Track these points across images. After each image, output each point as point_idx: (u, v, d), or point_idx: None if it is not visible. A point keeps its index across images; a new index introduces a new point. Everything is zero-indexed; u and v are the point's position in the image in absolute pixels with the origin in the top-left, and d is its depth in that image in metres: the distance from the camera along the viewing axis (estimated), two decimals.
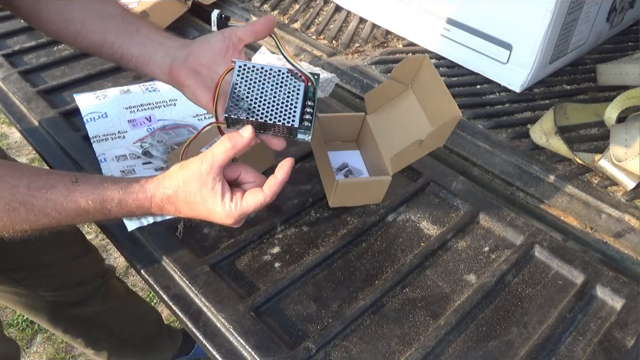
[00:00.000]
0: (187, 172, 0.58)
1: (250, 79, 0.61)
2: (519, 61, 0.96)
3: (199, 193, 0.58)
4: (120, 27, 0.65)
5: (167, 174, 0.60)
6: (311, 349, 0.59)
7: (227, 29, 0.64)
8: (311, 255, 0.71)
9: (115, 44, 0.65)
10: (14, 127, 1.04)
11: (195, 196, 0.58)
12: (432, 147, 0.72)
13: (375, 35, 1.18)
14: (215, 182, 0.58)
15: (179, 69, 0.64)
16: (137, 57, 0.66)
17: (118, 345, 1.24)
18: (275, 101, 0.60)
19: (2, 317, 1.68)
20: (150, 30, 0.66)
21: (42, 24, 0.68)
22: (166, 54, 0.65)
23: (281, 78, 0.62)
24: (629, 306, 0.65)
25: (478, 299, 0.66)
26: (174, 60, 0.64)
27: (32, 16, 0.68)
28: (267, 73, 0.62)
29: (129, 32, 0.65)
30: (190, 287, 0.66)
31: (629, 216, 0.75)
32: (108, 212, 0.58)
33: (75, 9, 0.66)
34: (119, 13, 0.66)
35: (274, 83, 0.61)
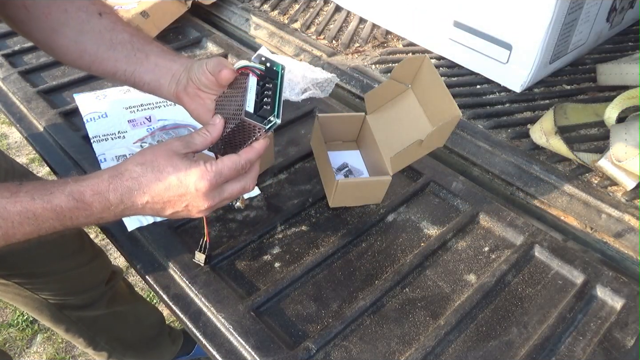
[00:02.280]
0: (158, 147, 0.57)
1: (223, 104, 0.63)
2: (519, 61, 0.96)
3: (170, 163, 0.56)
4: (130, 56, 0.68)
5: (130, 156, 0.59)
6: (311, 349, 0.59)
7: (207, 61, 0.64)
8: (311, 255, 0.71)
9: (127, 72, 0.68)
10: (14, 127, 1.04)
11: (166, 167, 0.56)
12: (432, 147, 0.72)
13: (375, 35, 1.18)
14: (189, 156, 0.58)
15: (183, 94, 0.67)
16: (149, 83, 0.68)
17: (118, 347, 1.24)
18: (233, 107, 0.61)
19: (2, 317, 1.68)
20: (158, 55, 0.68)
21: (57, 53, 0.70)
22: (172, 79, 0.67)
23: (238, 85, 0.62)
24: (629, 306, 0.65)
25: (478, 299, 0.66)
26: (178, 85, 0.67)
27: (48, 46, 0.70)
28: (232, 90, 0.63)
29: (138, 60, 0.68)
30: (190, 287, 0.66)
31: (629, 216, 0.75)
32: (60, 210, 0.54)
33: (88, 39, 0.68)
34: (128, 40, 0.68)
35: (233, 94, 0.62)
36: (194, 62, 0.67)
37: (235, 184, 0.59)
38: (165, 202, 0.57)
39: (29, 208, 0.53)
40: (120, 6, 1.12)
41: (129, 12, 1.10)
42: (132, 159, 0.57)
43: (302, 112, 0.95)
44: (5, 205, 0.52)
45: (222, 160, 0.57)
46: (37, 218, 0.53)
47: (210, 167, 0.56)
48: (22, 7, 0.67)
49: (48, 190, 0.54)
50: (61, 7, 0.67)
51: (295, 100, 0.93)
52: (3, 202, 0.52)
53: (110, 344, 1.22)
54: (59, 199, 0.54)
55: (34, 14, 0.67)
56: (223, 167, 0.57)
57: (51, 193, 0.54)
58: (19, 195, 0.53)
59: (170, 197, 0.57)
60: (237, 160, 0.58)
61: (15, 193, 0.53)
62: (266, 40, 1.17)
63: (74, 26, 0.68)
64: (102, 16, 0.68)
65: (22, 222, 0.53)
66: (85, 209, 0.55)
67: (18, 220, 0.53)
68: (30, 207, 0.53)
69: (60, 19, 0.67)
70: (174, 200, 0.57)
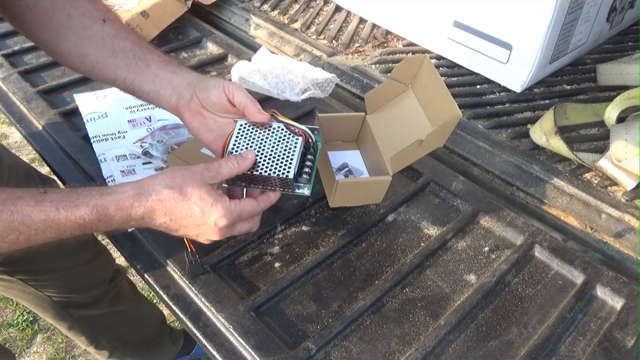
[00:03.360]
0: (188, 171, 0.58)
1: (250, 136, 0.65)
2: (519, 61, 0.96)
3: (198, 193, 0.57)
4: (131, 64, 0.68)
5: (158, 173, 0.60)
6: (311, 349, 0.59)
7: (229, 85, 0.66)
8: (311, 255, 0.71)
9: (127, 80, 0.69)
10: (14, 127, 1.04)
11: (193, 196, 0.57)
12: (432, 147, 0.72)
13: (375, 35, 1.18)
14: (215, 187, 0.59)
15: (184, 109, 0.68)
16: (148, 92, 0.69)
17: (119, 346, 1.25)
18: (272, 155, 0.64)
19: (2, 317, 1.68)
20: (159, 66, 0.69)
21: (59, 56, 0.71)
22: (173, 91, 0.68)
23: (280, 134, 0.65)
24: (629, 306, 0.65)
25: (478, 299, 0.66)
26: (179, 100, 0.68)
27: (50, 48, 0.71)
28: (267, 130, 0.65)
29: (139, 69, 0.68)
30: (190, 287, 0.66)
31: (629, 216, 0.75)
32: (82, 222, 0.55)
33: (90, 45, 0.68)
34: (129, 49, 0.69)
35: (272, 139, 0.65)
36: (202, 79, 0.68)
37: (245, 224, 0.63)
38: (182, 225, 0.59)
39: (53, 218, 0.54)
40: (120, 6, 1.12)
41: (129, 12, 1.10)
42: (162, 180, 0.58)
43: (302, 112, 0.95)
44: (30, 214, 0.53)
45: (245, 203, 0.60)
46: (60, 227, 0.55)
47: (234, 207, 0.59)
48: (27, 9, 0.67)
49: (73, 202, 0.55)
50: (65, 11, 0.68)
51: (295, 100, 0.93)
52: (28, 210, 0.53)
53: (112, 343, 1.22)
54: (82, 212, 0.55)
55: (37, 16, 0.67)
56: (243, 210, 0.60)
57: (75, 205, 0.55)
58: (44, 205, 0.54)
59: (188, 223, 0.59)
60: (256, 207, 0.62)
61: (40, 202, 0.54)
62: (266, 40, 1.17)
63: (76, 31, 0.68)
64: (105, 22, 0.69)
65: (45, 230, 0.54)
66: (107, 222, 0.57)
67: (41, 228, 0.54)
68: (55, 217, 0.54)
69: (63, 23, 0.68)
70: (191, 226, 0.59)
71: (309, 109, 0.96)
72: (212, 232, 0.60)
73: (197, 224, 0.59)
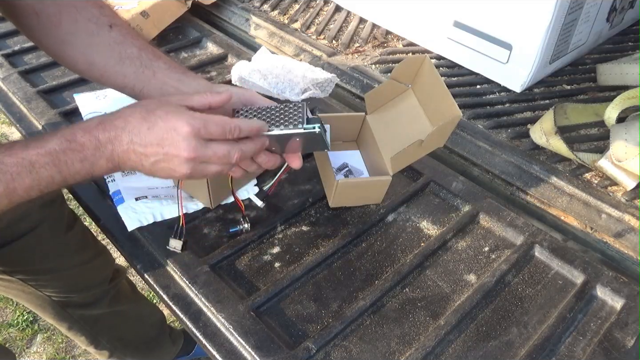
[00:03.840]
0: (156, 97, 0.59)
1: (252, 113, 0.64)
2: (519, 61, 0.96)
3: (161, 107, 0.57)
4: (138, 72, 0.68)
5: None
6: (311, 349, 0.59)
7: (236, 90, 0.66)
8: (311, 255, 0.71)
9: (136, 88, 0.69)
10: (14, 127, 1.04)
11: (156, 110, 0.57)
12: (432, 147, 0.72)
13: (375, 35, 1.18)
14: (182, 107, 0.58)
15: None
16: None
17: (119, 346, 1.25)
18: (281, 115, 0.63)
19: (2, 317, 1.68)
20: (165, 74, 0.69)
21: (67, 63, 0.71)
22: None
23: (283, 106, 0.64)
24: (629, 306, 0.65)
25: (478, 299, 0.66)
26: None
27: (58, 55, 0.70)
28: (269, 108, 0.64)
29: (146, 78, 0.68)
30: (190, 287, 0.66)
31: (629, 216, 0.75)
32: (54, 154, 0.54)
33: (97, 52, 0.68)
34: (136, 55, 0.68)
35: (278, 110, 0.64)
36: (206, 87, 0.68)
37: (221, 146, 0.58)
38: (146, 144, 0.56)
39: (25, 157, 0.53)
40: (120, 6, 1.12)
41: (129, 12, 1.10)
42: (128, 106, 0.58)
43: None
44: (2, 159, 0.52)
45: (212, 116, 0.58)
46: (34, 166, 0.53)
47: (198, 114, 0.57)
48: (33, 14, 0.67)
49: (41, 138, 0.55)
50: (71, 17, 0.67)
51: (295, 100, 0.93)
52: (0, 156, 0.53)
53: (112, 343, 1.22)
54: (52, 143, 0.54)
55: (44, 22, 0.67)
56: (210, 119, 0.57)
57: (44, 139, 0.55)
58: (14, 148, 0.54)
59: (152, 140, 0.56)
60: (226, 120, 0.58)
61: (10, 147, 0.54)
62: (266, 40, 1.17)
63: (83, 37, 0.68)
64: (112, 28, 0.69)
65: (20, 172, 0.53)
66: (79, 150, 0.55)
67: (16, 172, 0.53)
68: (26, 156, 0.53)
69: (70, 29, 0.67)
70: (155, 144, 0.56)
71: (309, 109, 0.95)
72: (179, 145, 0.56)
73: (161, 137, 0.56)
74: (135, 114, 0.57)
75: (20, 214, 0.86)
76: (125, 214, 0.73)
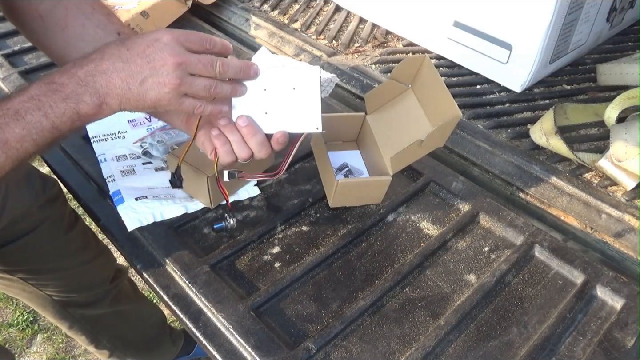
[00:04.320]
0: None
1: None
2: (519, 61, 0.96)
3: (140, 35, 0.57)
4: None
5: None
6: (311, 349, 0.59)
7: None
8: (311, 255, 0.71)
9: None
10: None
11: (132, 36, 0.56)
12: (432, 147, 0.72)
13: (375, 35, 1.18)
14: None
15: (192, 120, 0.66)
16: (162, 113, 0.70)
17: (120, 346, 1.25)
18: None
19: (2, 317, 1.68)
20: None
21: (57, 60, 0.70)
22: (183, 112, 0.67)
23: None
24: (629, 306, 0.65)
25: (478, 299, 0.66)
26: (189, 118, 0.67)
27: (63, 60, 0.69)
28: None
29: None
30: (190, 287, 0.66)
31: (629, 216, 0.75)
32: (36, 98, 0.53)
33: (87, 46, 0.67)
34: None
35: None
36: None
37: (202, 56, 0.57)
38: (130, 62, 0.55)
39: (9, 107, 0.53)
40: (120, 6, 1.12)
41: (129, 12, 1.10)
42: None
43: None
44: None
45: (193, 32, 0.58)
46: (19, 112, 0.53)
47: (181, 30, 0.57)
48: (38, 17, 0.66)
49: (23, 87, 0.55)
50: (79, 22, 0.67)
51: None
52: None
53: (112, 342, 1.22)
54: (32, 89, 0.54)
55: (49, 25, 0.67)
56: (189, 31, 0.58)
57: (25, 88, 0.54)
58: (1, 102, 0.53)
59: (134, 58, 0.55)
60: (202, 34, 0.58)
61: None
62: (266, 40, 1.17)
63: (89, 42, 0.67)
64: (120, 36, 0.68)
65: (7, 122, 0.52)
66: (59, 90, 0.54)
67: (4, 122, 0.52)
68: (10, 105, 0.53)
69: (76, 34, 0.67)
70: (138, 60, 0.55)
71: None
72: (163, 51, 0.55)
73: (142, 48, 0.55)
74: (111, 44, 0.56)
75: (21, 214, 0.86)
76: (125, 214, 0.73)
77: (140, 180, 0.79)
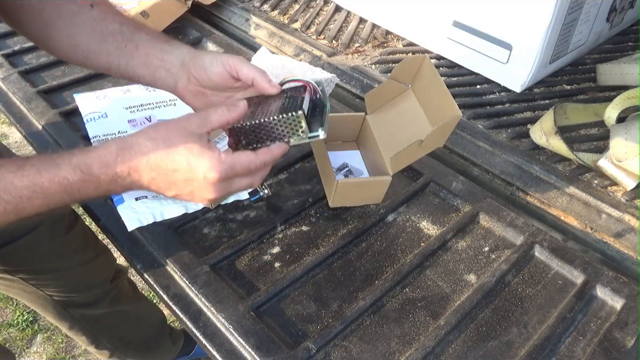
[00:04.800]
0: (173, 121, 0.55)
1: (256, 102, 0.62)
2: (519, 61, 0.96)
3: (184, 143, 0.53)
4: (121, 47, 0.66)
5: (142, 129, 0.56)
6: (311, 349, 0.59)
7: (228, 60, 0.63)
8: (311, 255, 0.71)
9: (121, 66, 0.67)
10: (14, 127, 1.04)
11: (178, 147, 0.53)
12: (432, 147, 0.72)
13: (375, 35, 1.18)
14: (204, 136, 0.55)
15: (184, 91, 0.65)
16: (144, 77, 0.67)
17: (120, 346, 1.25)
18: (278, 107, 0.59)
19: (2, 317, 1.68)
20: (147, 45, 0.66)
21: (52, 49, 0.70)
22: (168, 74, 0.66)
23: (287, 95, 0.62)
24: (629, 306, 0.65)
25: (478, 299, 0.66)
26: (177, 81, 0.65)
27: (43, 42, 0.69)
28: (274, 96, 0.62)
29: (129, 52, 0.66)
30: (190, 287, 0.66)
31: (629, 216, 0.75)
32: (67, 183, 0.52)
33: (80, 32, 0.67)
34: (118, 31, 0.66)
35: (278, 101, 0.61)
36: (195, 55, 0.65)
37: (243, 180, 0.57)
38: (171, 182, 0.55)
39: (36, 182, 0.51)
40: (120, 6, 1.12)
41: (129, 12, 1.10)
42: (144, 132, 0.55)
43: None
44: (12, 180, 0.51)
45: (239, 155, 0.55)
46: (45, 191, 0.52)
47: (224, 158, 0.54)
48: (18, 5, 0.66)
49: (54, 163, 0.52)
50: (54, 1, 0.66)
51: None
52: (10, 177, 0.51)
53: (112, 342, 1.22)
54: (65, 172, 0.52)
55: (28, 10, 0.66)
56: (237, 162, 0.54)
57: (57, 165, 0.52)
58: (25, 169, 0.52)
59: (176, 179, 0.54)
60: (253, 159, 0.56)
61: (21, 167, 0.52)
62: (266, 40, 1.17)
63: (66, 19, 0.66)
64: (93, 7, 0.67)
65: (30, 196, 0.51)
66: (93, 182, 0.53)
67: (27, 195, 0.51)
68: (37, 181, 0.51)
69: (52, 13, 0.66)
70: (180, 183, 0.55)
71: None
72: (205, 190, 0.54)
73: (186, 178, 0.54)
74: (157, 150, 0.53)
75: None
76: (125, 214, 0.73)
77: None
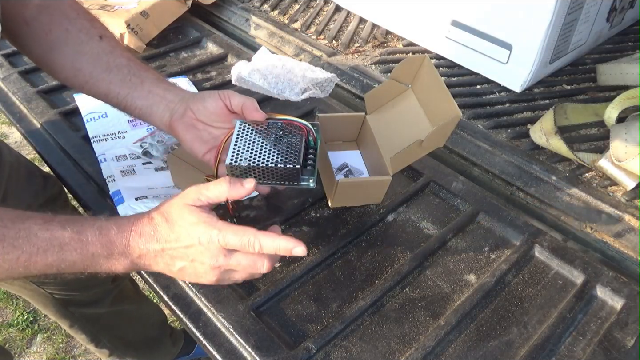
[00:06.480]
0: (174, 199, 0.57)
1: (251, 134, 0.65)
2: (519, 61, 0.96)
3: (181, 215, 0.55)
4: (125, 80, 0.69)
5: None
6: (311, 349, 0.59)
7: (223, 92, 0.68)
8: (311, 255, 0.71)
9: (120, 95, 0.69)
10: (14, 127, 1.04)
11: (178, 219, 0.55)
12: (432, 147, 0.72)
13: (375, 35, 1.18)
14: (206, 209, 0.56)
15: (177, 123, 0.67)
16: (140, 108, 0.69)
17: (120, 346, 1.25)
18: (276, 149, 0.64)
19: (2, 317, 1.68)
20: (153, 83, 0.69)
21: (52, 71, 0.72)
22: (166, 107, 0.68)
23: (281, 130, 0.66)
24: (629, 306, 0.65)
25: (478, 299, 0.66)
26: (173, 114, 0.68)
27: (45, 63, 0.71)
28: (267, 127, 0.66)
29: (133, 85, 0.69)
30: (190, 287, 0.66)
31: (629, 216, 0.75)
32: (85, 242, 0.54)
33: (85, 60, 0.69)
34: (125, 65, 0.69)
35: (274, 135, 0.65)
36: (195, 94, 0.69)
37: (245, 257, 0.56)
38: (174, 256, 0.56)
39: (58, 236, 0.53)
40: (120, 6, 1.12)
41: (129, 12, 1.10)
42: (153, 209, 0.58)
43: (302, 112, 0.95)
44: (36, 232, 0.53)
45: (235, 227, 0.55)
46: (62, 247, 0.54)
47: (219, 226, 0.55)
48: (23, 23, 0.67)
49: (79, 223, 0.55)
50: (62, 27, 0.68)
51: (295, 100, 0.93)
52: (35, 228, 0.53)
53: (112, 342, 1.23)
54: (88, 231, 0.54)
55: (34, 30, 0.68)
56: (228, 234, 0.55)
57: (82, 225, 0.55)
58: (52, 224, 0.54)
59: (178, 248, 0.55)
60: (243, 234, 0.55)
61: (48, 222, 0.54)
62: (266, 40, 1.17)
63: (72, 46, 0.69)
64: (102, 39, 0.70)
65: (47, 249, 0.53)
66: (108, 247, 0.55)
67: (44, 247, 0.53)
68: (59, 235, 0.53)
69: (60, 38, 0.68)
70: (182, 252, 0.56)
71: (309, 109, 0.96)
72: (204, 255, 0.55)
73: (186, 245, 0.55)
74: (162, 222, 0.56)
75: None
76: (125, 214, 0.73)
77: (140, 180, 0.79)
